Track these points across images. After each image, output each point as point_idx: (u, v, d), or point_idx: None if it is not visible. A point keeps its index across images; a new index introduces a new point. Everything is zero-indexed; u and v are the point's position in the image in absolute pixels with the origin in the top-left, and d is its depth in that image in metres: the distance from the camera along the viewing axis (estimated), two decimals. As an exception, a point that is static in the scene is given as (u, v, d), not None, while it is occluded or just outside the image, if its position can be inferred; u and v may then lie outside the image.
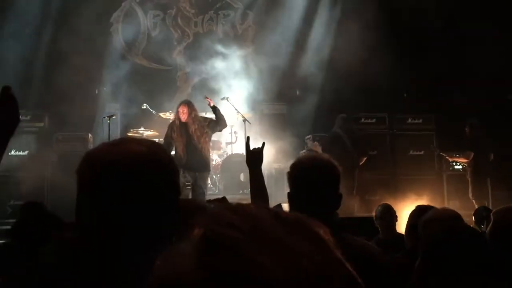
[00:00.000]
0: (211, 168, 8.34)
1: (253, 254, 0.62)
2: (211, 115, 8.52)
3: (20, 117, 1.87)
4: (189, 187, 7.93)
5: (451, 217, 3.01)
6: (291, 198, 2.45)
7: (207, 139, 8.01)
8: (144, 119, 10.50)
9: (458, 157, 9.37)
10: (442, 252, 2.30)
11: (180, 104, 8.09)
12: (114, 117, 9.91)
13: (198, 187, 7.96)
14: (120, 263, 1.34)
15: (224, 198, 3.00)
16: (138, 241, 1.35)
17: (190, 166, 7.89)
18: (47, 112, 10.01)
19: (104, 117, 9.80)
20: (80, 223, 1.42)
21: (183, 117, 7.90)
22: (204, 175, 8.09)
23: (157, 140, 10.09)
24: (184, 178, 7.84)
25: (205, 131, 7.94)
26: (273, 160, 9.59)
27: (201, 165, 8.01)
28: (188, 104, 8.01)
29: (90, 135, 10.02)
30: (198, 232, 0.66)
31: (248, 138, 3.45)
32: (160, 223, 1.38)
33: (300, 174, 2.42)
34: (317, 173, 2.37)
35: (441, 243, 2.34)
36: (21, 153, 9.38)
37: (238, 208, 0.69)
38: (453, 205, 8.62)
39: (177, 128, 7.96)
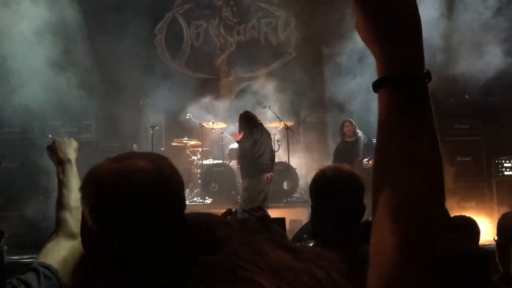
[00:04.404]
0: (243, 176, 8.34)
1: (253, 275, 0.73)
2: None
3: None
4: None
5: None
6: (314, 210, 2.40)
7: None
8: (187, 128, 10.59)
9: None
10: None
11: None
12: (157, 128, 10.05)
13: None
14: (128, 278, 1.34)
15: (260, 207, 2.98)
16: (143, 256, 1.33)
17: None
18: (94, 123, 10.15)
19: (148, 128, 9.95)
20: (85, 240, 1.43)
21: None
22: (242, 182, 8.27)
23: (200, 149, 10.22)
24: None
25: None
26: (316, 168, 9.47)
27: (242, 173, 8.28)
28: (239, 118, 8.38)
29: (135, 145, 10.12)
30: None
31: None
32: (166, 237, 1.36)
33: (323, 186, 2.37)
34: (340, 185, 2.32)
35: None
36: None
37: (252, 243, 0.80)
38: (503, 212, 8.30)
39: None
